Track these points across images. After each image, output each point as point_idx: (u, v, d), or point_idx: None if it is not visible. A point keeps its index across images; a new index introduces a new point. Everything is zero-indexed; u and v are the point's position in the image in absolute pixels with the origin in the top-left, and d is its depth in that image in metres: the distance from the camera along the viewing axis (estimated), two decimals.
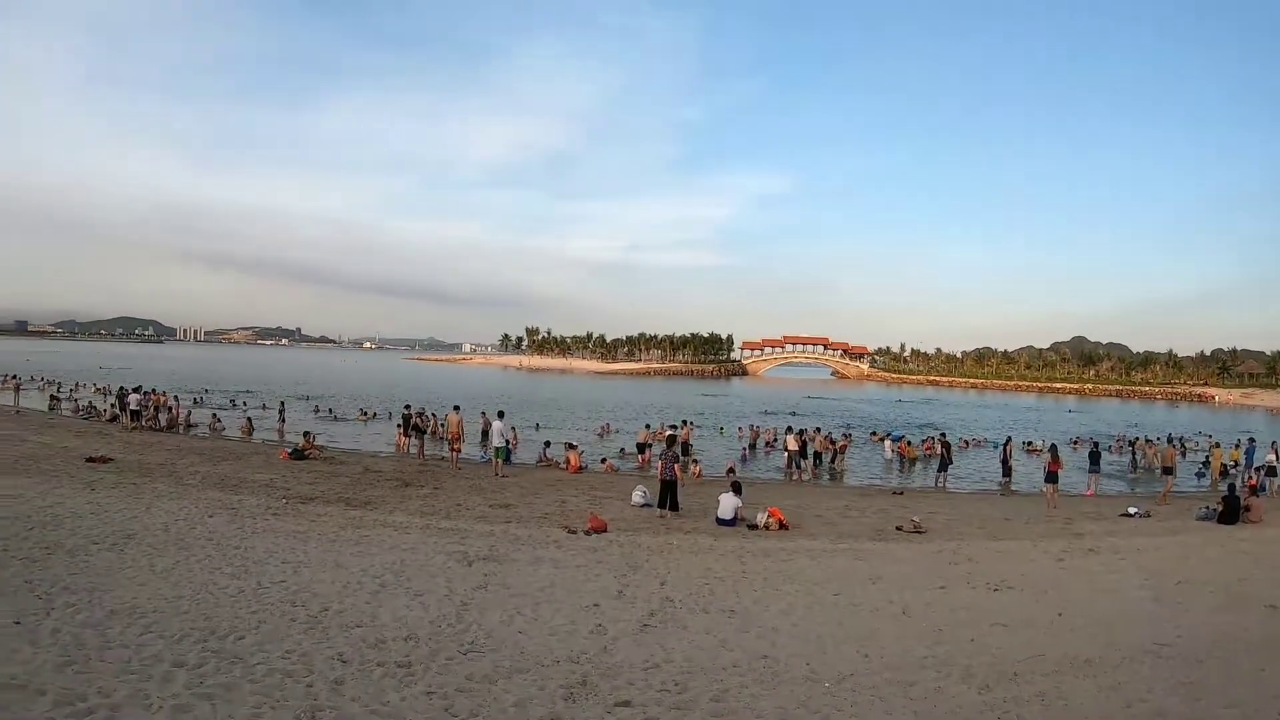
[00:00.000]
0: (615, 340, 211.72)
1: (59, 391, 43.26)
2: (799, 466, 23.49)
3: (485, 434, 24.33)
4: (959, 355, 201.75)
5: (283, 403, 35.48)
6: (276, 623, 7.27)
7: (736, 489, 14.48)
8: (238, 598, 8.04)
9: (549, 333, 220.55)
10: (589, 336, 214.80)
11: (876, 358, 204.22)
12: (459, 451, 22.12)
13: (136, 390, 30.82)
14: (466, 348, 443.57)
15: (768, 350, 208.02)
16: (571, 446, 24.27)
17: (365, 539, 11.38)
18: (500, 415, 21.87)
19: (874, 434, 37.01)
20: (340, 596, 8.26)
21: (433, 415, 29.78)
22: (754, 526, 13.69)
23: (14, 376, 47.19)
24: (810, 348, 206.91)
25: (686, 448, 24.31)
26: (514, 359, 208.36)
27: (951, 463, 23.51)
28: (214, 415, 33.06)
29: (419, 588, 8.77)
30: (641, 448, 25.40)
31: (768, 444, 31.76)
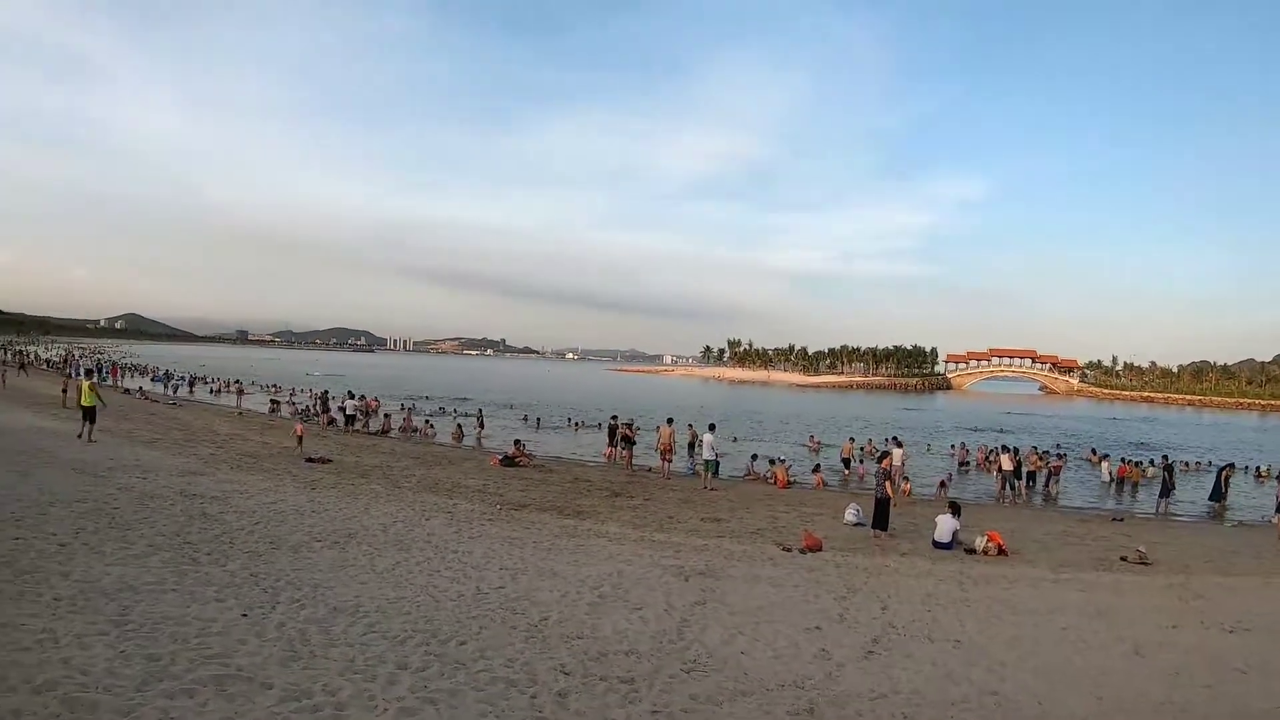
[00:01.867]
0: (817, 353, 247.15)
1: (278, 395, 52.37)
2: (1012, 488, 25.90)
3: (692, 446, 28.68)
4: (1174, 370, 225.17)
5: (480, 410, 43.50)
6: (497, 630, 8.21)
7: (955, 510, 16.17)
8: (458, 602, 9.18)
9: (750, 345, 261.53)
10: (790, 349, 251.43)
11: (1087, 372, 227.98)
12: (669, 462, 25.78)
13: (352, 396, 37.55)
14: (668, 359, 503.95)
15: (972, 363, 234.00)
16: (779, 461, 27.78)
17: (581, 548, 13.00)
18: (711, 428, 24.88)
19: (1092, 454, 39.12)
20: (559, 606, 9.31)
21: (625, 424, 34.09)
22: (971, 551, 15.25)
23: (237, 381, 57.20)
24: (1017, 361, 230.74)
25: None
26: (715, 371, 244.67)
27: (1174, 488, 25.99)
28: (426, 421, 39.40)
29: (637, 601, 9.85)
30: (847, 463, 29.67)
31: (978, 463, 34.75)
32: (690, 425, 30.83)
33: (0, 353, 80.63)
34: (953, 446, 39.75)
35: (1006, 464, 25.80)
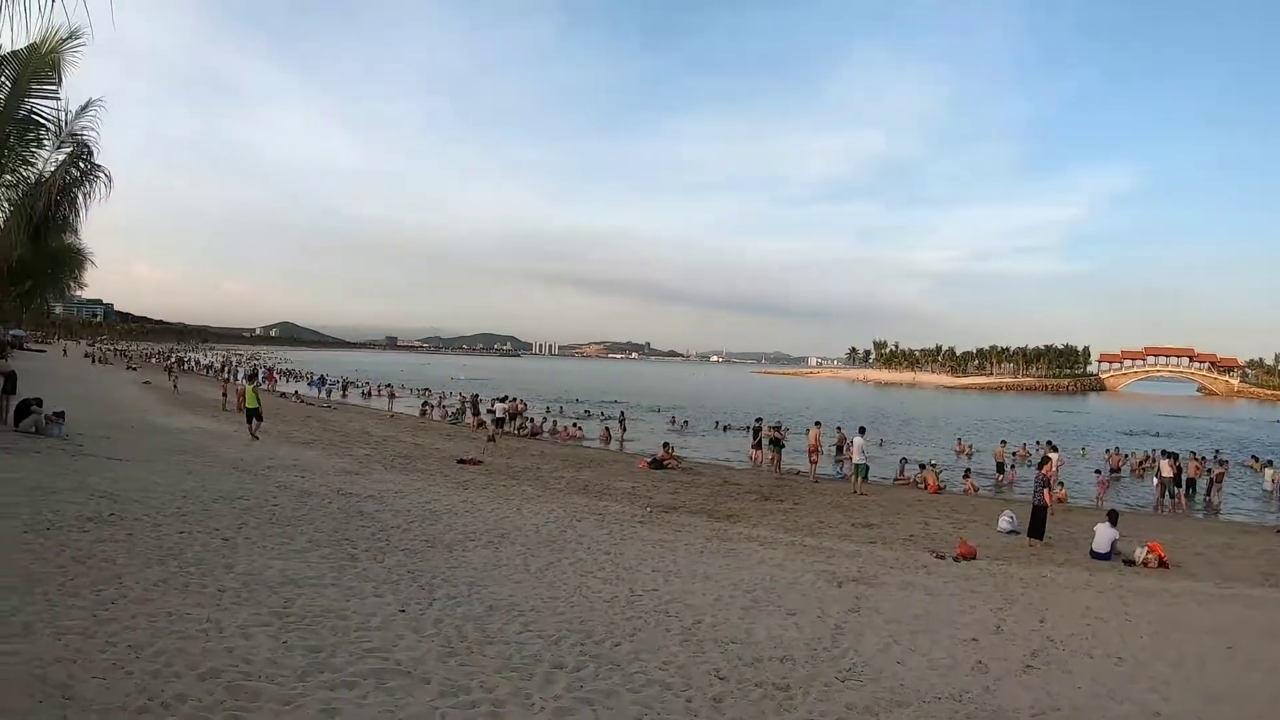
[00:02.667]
0: (965, 353, 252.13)
1: (429, 398, 54.42)
2: (1172, 496, 25.64)
3: (840, 449, 29.54)
4: None
5: (622, 413, 45.03)
6: (651, 632, 8.37)
7: (1113, 519, 16.11)
8: (611, 603, 9.39)
9: (896, 346, 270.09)
10: (938, 349, 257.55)
11: (1248, 371, 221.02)
12: (816, 465, 26.46)
13: (502, 399, 39.44)
14: (812, 361, 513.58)
15: (1126, 363, 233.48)
16: (930, 466, 27.89)
17: (731, 552, 13.27)
18: (861, 431, 25.52)
19: (1254, 460, 38.70)
20: (713, 609, 9.47)
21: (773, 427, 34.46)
22: (1130, 562, 15.14)
23: (388, 385, 60.05)
24: (1173, 360, 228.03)
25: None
26: (860, 372, 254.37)
27: None
28: (574, 424, 41.45)
29: (791, 606, 9.97)
30: (1001, 467, 29.97)
31: (1134, 469, 34.47)
32: (839, 428, 31.66)
33: (160, 359, 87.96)
34: (1107, 451, 39.18)
35: (1167, 470, 25.55)
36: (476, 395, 45.09)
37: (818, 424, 27.84)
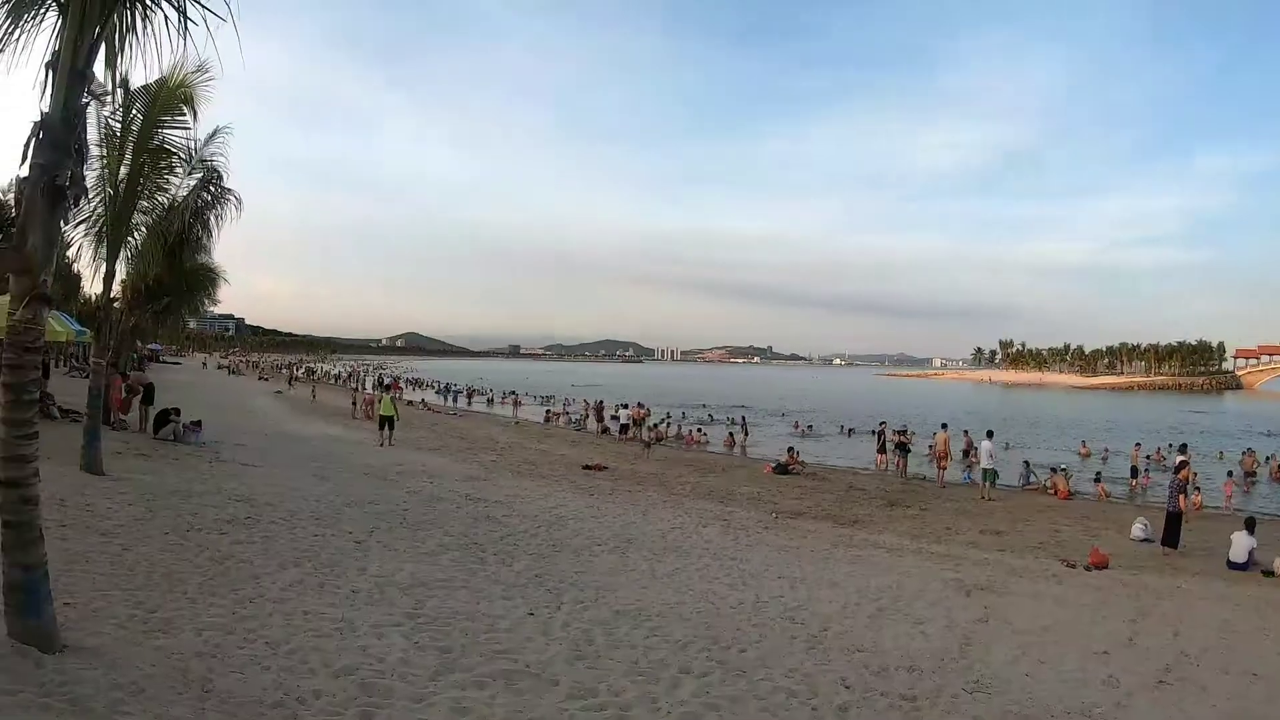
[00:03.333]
0: (1094, 351, 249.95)
1: (553, 405, 55.77)
2: None
3: (966, 453, 29.82)
4: None
5: (744, 417, 44.79)
6: (777, 639, 8.46)
7: (1250, 526, 15.49)
8: (738, 609, 9.50)
9: (1023, 345, 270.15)
10: (1066, 348, 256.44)
11: None
12: (944, 470, 26.26)
13: (625, 405, 40.49)
14: (937, 362, 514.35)
15: (1264, 359, 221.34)
16: (1060, 470, 26.98)
17: (858, 559, 13.40)
18: (989, 435, 25.14)
19: None
20: (839, 617, 9.56)
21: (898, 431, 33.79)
22: (1269, 573, 14.46)
23: (513, 392, 61.47)
24: None
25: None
26: (985, 373, 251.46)
27: None
28: (698, 429, 41.46)
29: (918, 615, 9.95)
30: (1134, 472, 28.49)
31: (1273, 474, 32.34)
32: (965, 431, 31.94)
33: (289, 370, 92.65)
34: (1243, 454, 36.64)
35: None
36: (601, 402, 45.71)
37: (944, 427, 27.69)
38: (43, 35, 5.93)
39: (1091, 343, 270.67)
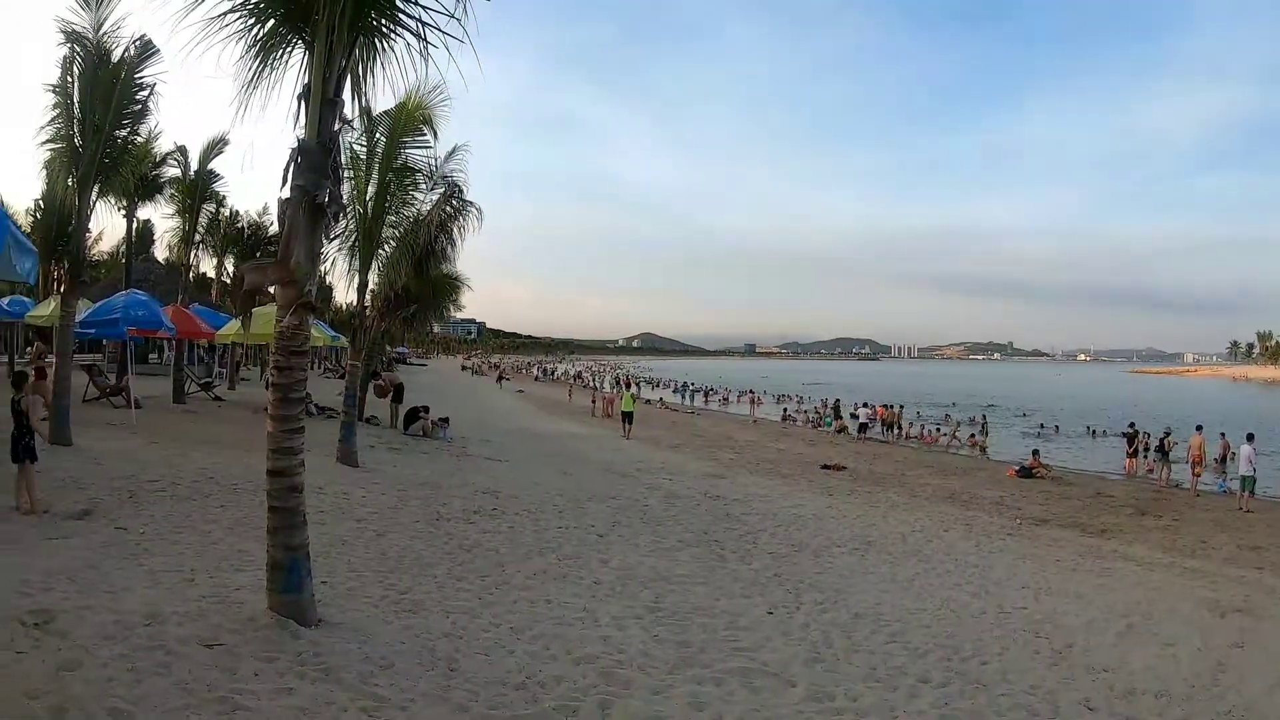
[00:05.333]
0: None
1: (789, 404, 55.69)
2: None
3: (1223, 459, 27.65)
4: None
5: (984, 417, 44.66)
6: (1019, 652, 8.11)
7: None
8: (979, 619, 9.19)
9: None
10: None
11: None
12: (1198, 477, 24.30)
13: (865, 405, 39.72)
14: (1189, 358, 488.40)
15: None
16: None
17: (1106, 571, 12.63)
18: (1249, 438, 22.93)
19: None
20: (1085, 633, 8.99)
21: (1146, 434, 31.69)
22: None
23: (750, 390, 61.69)
24: None
25: None
26: (1242, 369, 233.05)
27: None
28: (938, 428, 40.53)
29: (1169, 635, 9.24)
30: None
31: None
32: (1222, 434, 29.48)
33: (529, 370, 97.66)
34: None
35: None
36: (838, 400, 45.14)
37: (1199, 429, 25.38)
38: (290, 71, 6.54)
39: None
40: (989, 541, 14.10)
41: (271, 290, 6.59)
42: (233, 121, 6.47)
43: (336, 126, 6.43)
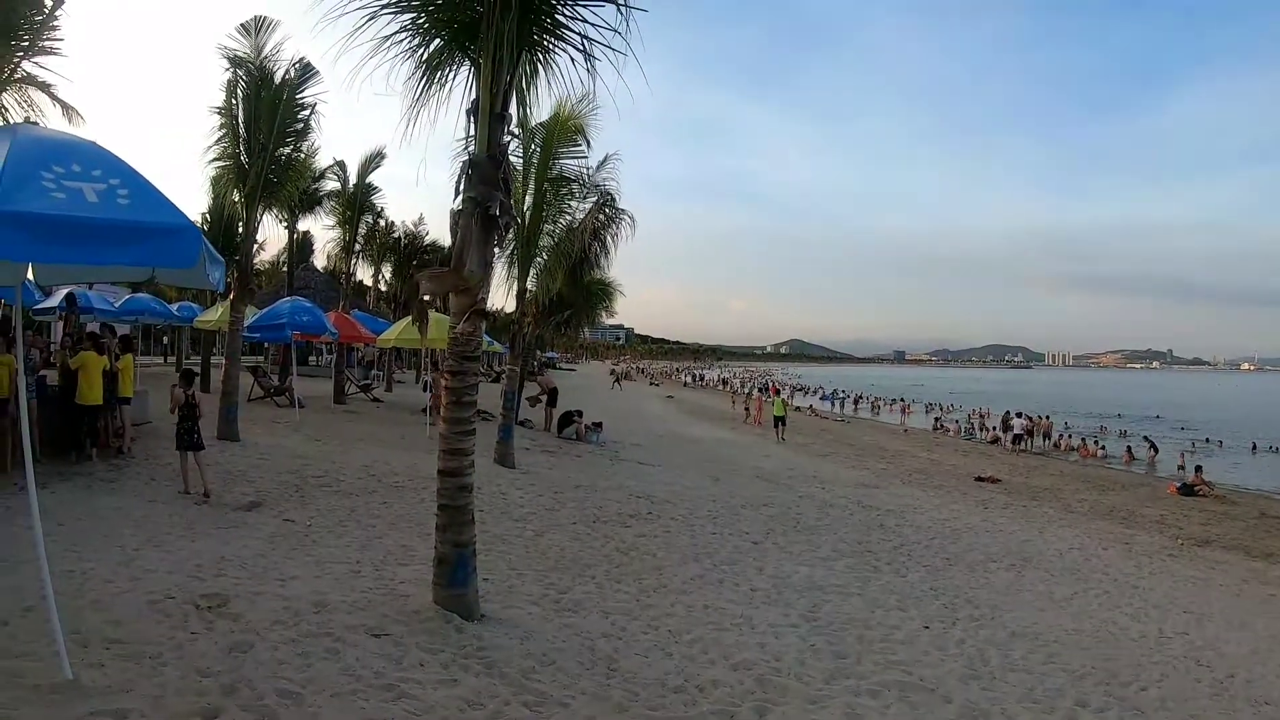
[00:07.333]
0: None
1: (941, 413, 53.95)
2: None
3: None
4: None
5: (1149, 434, 41.33)
6: (1179, 680, 7.84)
7: None
8: (1139, 643, 8.91)
9: None
10: None
11: None
12: None
13: (1020, 415, 38.40)
14: None
15: None
16: None
17: (1272, 597, 12.13)
18: None
19: None
20: (1248, 663, 8.65)
21: None
22: None
23: (901, 398, 60.23)
24: None
25: None
26: None
27: None
28: (1094, 441, 38.23)
29: None
30: None
31: None
32: None
33: (677, 375, 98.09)
34: None
35: None
36: (988, 409, 43.69)
37: None
38: (456, 89, 6.86)
39: None
40: (1149, 562, 13.63)
41: (442, 297, 6.90)
42: (401, 136, 6.75)
43: (504, 139, 6.71)
